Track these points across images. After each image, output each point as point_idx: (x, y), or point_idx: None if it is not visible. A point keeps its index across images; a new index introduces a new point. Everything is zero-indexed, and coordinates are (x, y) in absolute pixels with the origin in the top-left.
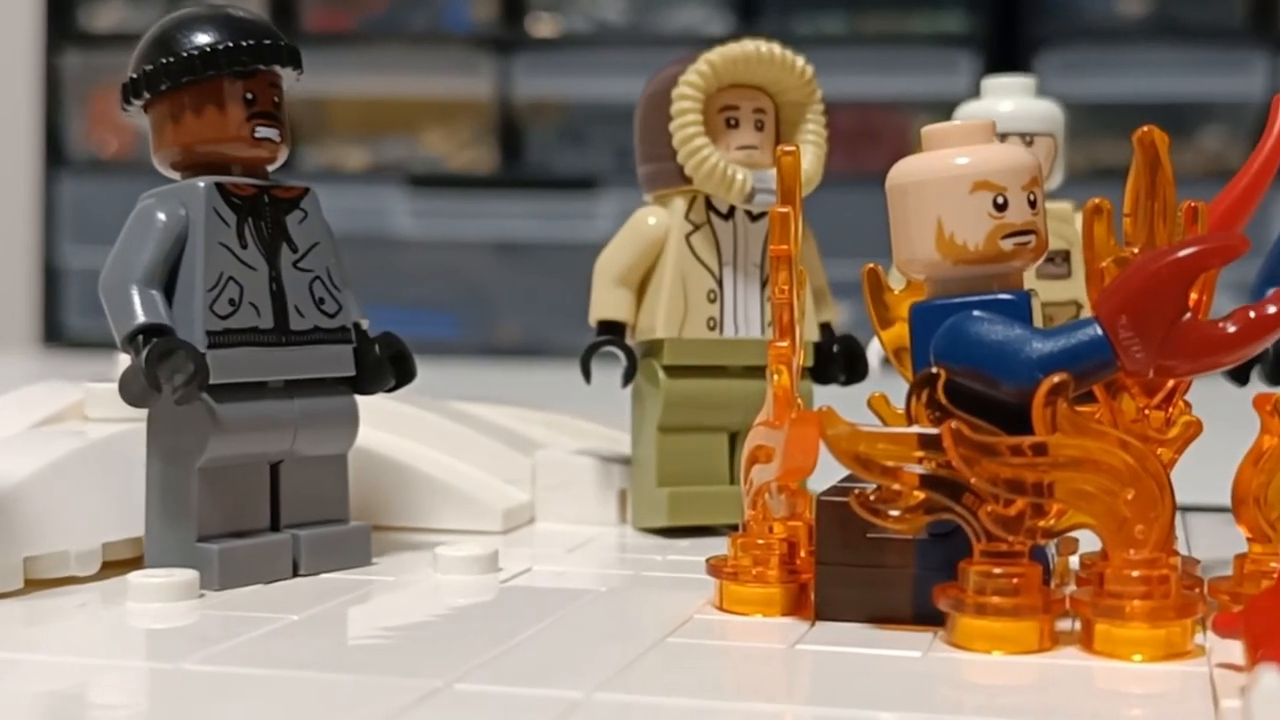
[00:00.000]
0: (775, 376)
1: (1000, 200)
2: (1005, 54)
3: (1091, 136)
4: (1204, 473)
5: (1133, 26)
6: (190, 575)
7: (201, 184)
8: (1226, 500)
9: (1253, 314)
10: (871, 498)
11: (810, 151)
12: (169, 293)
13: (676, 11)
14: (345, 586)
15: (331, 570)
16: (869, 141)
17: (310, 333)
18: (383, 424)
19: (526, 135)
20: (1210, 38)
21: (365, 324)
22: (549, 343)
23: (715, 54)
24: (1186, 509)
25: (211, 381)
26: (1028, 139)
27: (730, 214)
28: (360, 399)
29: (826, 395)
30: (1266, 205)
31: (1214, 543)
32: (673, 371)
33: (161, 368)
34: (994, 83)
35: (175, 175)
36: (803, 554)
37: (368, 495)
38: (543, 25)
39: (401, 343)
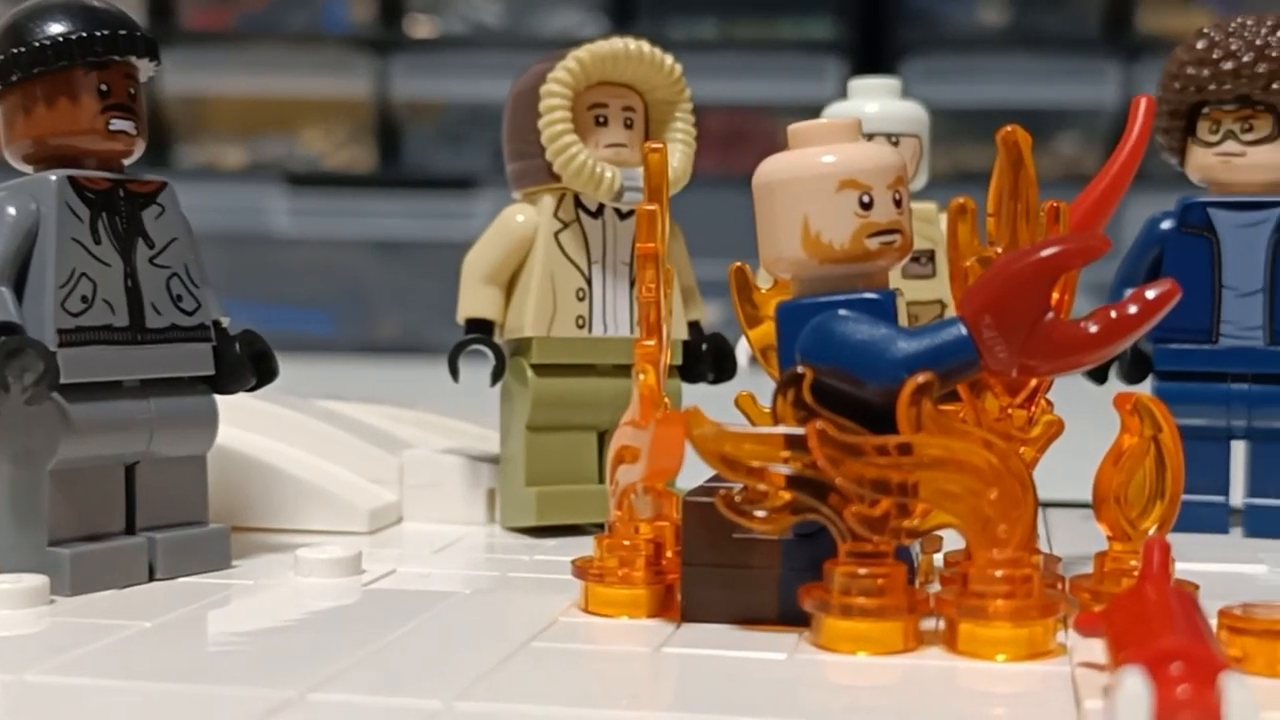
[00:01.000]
0: (641, 376)
1: (866, 199)
2: (871, 60)
3: (954, 141)
4: (1066, 468)
5: (992, 36)
6: (41, 581)
7: (53, 177)
8: (1087, 496)
9: (1114, 314)
10: (737, 498)
11: (679, 150)
12: (19, 290)
13: (553, 14)
14: (202, 591)
15: (189, 574)
16: (739, 143)
17: (167, 331)
18: (246, 423)
19: (404, 135)
20: (1066, 47)
21: (226, 321)
22: (426, 340)
23: (584, 51)
24: (1048, 505)
25: (63, 381)
26: (893, 139)
27: (599, 212)
28: (223, 397)
29: (695, 394)
30: (1125, 207)
31: (1075, 538)
32: (541, 370)
33: (10, 367)
34: (860, 84)
35: (28, 169)
36: (669, 555)
37: (229, 496)
38: (421, 26)
39: (263, 340)
